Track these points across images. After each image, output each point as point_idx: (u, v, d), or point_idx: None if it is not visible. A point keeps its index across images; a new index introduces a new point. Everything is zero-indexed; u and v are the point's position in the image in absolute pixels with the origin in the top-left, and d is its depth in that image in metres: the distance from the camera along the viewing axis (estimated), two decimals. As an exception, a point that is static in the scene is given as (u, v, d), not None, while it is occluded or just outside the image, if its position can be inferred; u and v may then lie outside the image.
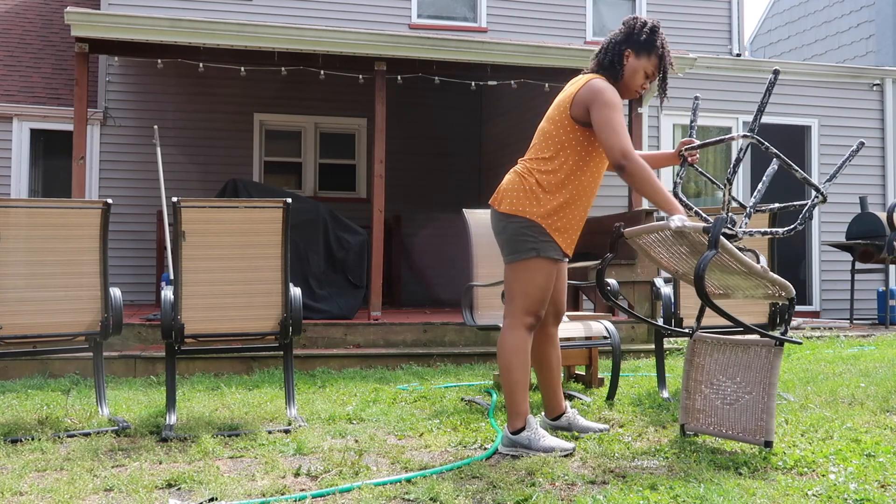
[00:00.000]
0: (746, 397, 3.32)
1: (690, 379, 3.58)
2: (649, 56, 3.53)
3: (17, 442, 3.74)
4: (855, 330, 8.41)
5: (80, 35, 7.24)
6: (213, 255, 4.16)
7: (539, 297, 3.45)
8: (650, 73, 3.55)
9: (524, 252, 3.42)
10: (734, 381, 3.39)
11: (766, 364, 3.30)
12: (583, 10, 11.63)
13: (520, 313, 3.44)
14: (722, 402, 3.42)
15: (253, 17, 10.33)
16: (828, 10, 14.84)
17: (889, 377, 5.00)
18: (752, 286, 3.36)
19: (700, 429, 3.52)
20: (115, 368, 6.07)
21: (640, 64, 3.52)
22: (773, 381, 3.26)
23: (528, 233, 3.42)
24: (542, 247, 3.41)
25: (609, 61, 3.53)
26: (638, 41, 3.53)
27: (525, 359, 3.44)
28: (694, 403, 3.55)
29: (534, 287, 3.43)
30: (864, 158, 10.63)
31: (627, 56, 3.52)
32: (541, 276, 3.44)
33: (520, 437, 3.39)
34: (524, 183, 3.46)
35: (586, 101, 3.40)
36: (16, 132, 10.03)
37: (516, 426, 3.41)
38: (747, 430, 3.29)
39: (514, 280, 3.47)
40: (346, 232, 8.14)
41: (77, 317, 4.26)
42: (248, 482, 3.03)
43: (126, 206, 9.40)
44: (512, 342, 3.44)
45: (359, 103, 9.85)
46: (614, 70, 3.51)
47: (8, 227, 4.10)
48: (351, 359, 6.57)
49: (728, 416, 3.39)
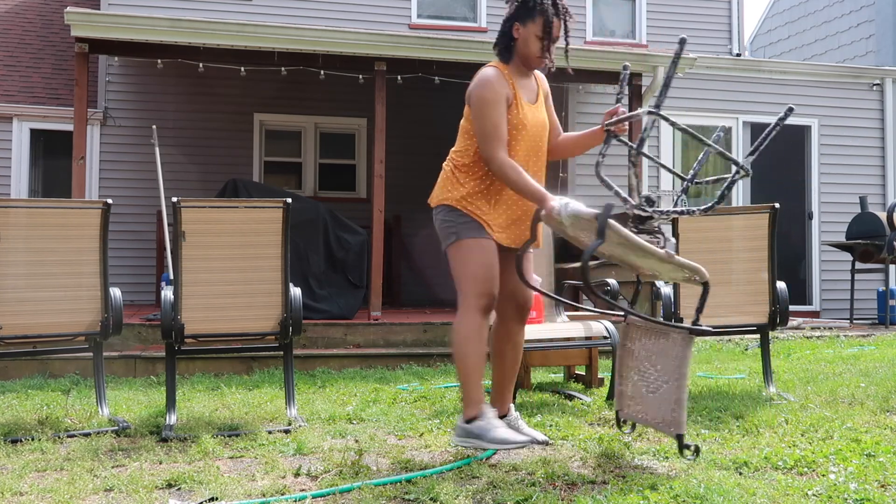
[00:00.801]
0: (665, 386, 3.17)
1: (623, 364, 3.47)
2: (533, 18, 3.44)
3: (17, 442, 3.74)
4: (855, 330, 8.41)
5: (80, 35, 7.25)
6: (213, 255, 4.16)
7: (483, 276, 3.36)
8: (539, 35, 3.44)
9: (448, 237, 3.43)
10: (656, 369, 3.25)
11: (679, 353, 3.14)
12: (583, 10, 11.62)
13: (468, 299, 3.37)
14: (646, 389, 3.29)
15: (253, 17, 10.33)
16: (828, 10, 14.84)
17: (889, 377, 5.00)
18: (671, 269, 3.21)
19: (631, 416, 3.42)
20: (115, 368, 6.07)
21: (528, 31, 3.44)
22: (683, 371, 3.09)
23: (447, 218, 3.43)
24: (461, 229, 3.39)
25: (497, 42, 3.52)
26: (520, 12, 3.47)
27: (479, 345, 3.36)
28: (625, 389, 3.44)
29: (472, 267, 3.37)
30: (864, 158, 10.64)
31: (517, 29, 3.46)
32: (472, 256, 3.37)
33: (472, 427, 3.32)
34: (444, 174, 3.52)
35: (469, 92, 3.44)
36: (16, 132, 10.03)
37: (469, 414, 3.35)
38: (665, 420, 3.15)
39: (454, 269, 3.43)
40: (346, 232, 8.14)
41: (77, 317, 4.26)
42: (248, 482, 3.03)
43: (126, 206, 9.38)
44: (465, 328, 3.36)
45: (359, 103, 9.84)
46: (506, 48, 3.50)
47: (8, 227, 4.10)
48: (351, 359, 6.57)
49: (651, 404, 3.25)
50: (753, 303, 4.77)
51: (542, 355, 5.16)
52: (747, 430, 3.71)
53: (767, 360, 4.83)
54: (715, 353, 7.00)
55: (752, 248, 4.76)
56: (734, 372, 5.75)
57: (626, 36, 11.89)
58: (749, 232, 4.76)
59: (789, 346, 7.11)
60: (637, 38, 11.81)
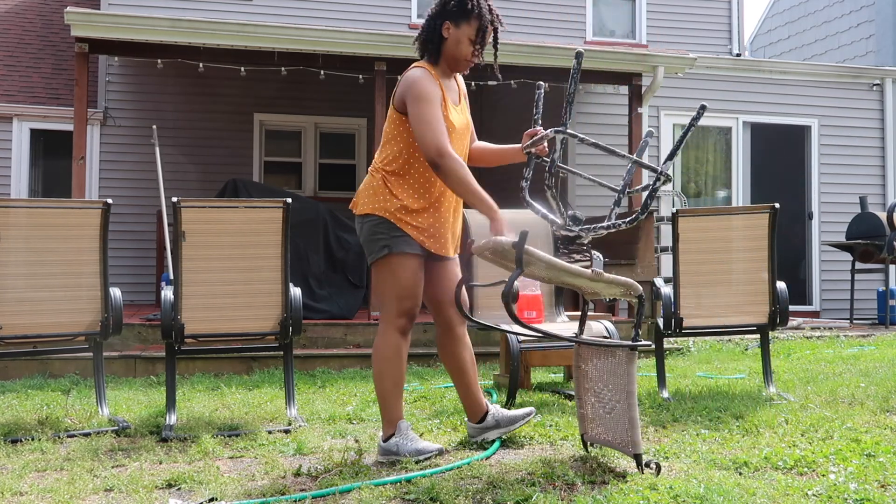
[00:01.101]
0: (618, 406, 3.09)
1: (580, 386, 3.35)
2: (468, 21, 3.35)
3: (17, 442, 3.74)
4: (855, 330, 8.41)
5: (80, 35, 7.24)
6: (213, 255, 4.16)
7: (408, 294, 3.30)
8: (473, 38, 3.37)
9: (378, 251, 3.32)
10: (608, 389, 3.16)
11: (624, 370, 3.06)
12: (583, 10, 11.63)
13: (391, 316, 3.32)
14: (603, 409, 3.19)
15: (253, 17, 10.33)
16: (828, 10, 14.83)
17: (889, 377, 5.00)
18: (604, 287, 3.13)
19: (594, 438, 3.29)
20: (115, 368, 6.07)
21: (461, 33, 3.35)
22: (631, 389, 3.01)
23: (378, 230, 3.31)
24: (394, 242, 3.29)
25: (425, 39, 3.42)
26: (452, 11, 3.36)
27: (397, 365, 3.32)
28: (586, 412, 3.32)
29: (397, 286, 3.30)
30: (864, 158, 10.64)
31: (448, 28, 3.37)
32: (403, 273, 3.30)
33: (389, 444, 3.29)
34: (372, 181, 3.38)
35: (402, 93, 3.33)
36: (16, 132, 10.03)
37: (387, 433, 3.32)
38: (623, 441, 3.06)
39: (379, 282, 3.37)
40: (346, 232, 8.14)
41: (77, 317, 4.26)
42: (248, 482, 3.03)
43: (126, 206, 9.39)
44: (383, 348, 3.32)
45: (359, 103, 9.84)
46: (433, 48, 3.40)
47: (8, 227, 4.10)
48: (351, 359, 6.57)
49: (610, 425, 3.15)
50: (753, 303, 4.77)
51: (542, 355, 5.15)
52: (747, 430, 3.71)
53: (767, 360, 4.83)
54: (715, 353, 7.00)
55: (752, 248, 4.76)
56: (734, 372, 5.75)
57: (626, 36, 11.89)
58: (749, 232, 4.76)
59: (789, 346, 7.11)
60: (637, 38, 11.81)
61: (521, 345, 4.68)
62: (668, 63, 8.62)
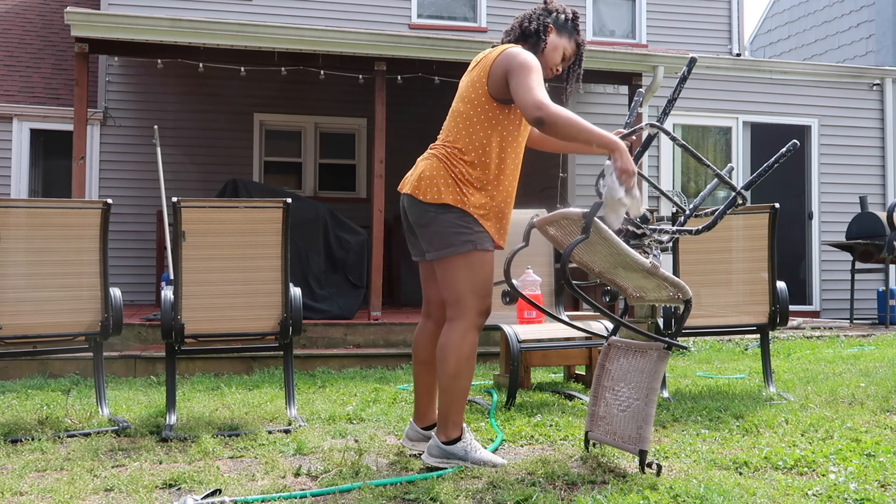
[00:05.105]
0: (636, 403, 3.08)
1: (599, 384, 3.34)
2: (570, 38, 3.40)
3: (17, 442, 3.74)
4: (855, 330, 8.41)
5: (80, 35, 7.25)
6: (213, 255, 4.16)
7: (488, 292, 3.23)
8: (568, 55, 3.40)
9: (462, 245, 3.16)
10: (629, 386, 3.15)
11: (652, 368, 3.05)
12: (583, 10, 11.62)
13: (471, 314, 3.19)
14: (618, 408, 3.18)
15: (253, 17, 10.33)
16: (828, 9, 14.84)
17: (889, 377, 5.00)
18: (655, 287, 3.13)
19: (598, 437, 3.27)
20: (115, 368, 6.08)
21: (560, 42, 3.37)
22: (654, 386, 3.00)
23: (461, 223, 3.16)
24: (479, 238, 3.18)
25: (535, 28, 3.36)
26: (559, 21, 3.39)
27: (473, 365, 3.23)
28: (598, 410, 3.31)
29: (478, 283, 3.19)
30: (864, 158, 10.64)
31: (550, 30, 3.37)
32: (484, 270, 3.21)
33: (455, 448, 3.17)
34: (450, 170, 3.19)
35: (504, 68, 3.15)
36: (16, 132, 10.03)
37: (452, 435, 3.19)
38: (630, 437, 3.05)
39: (456, 278, 3.19)
40: (346, 232, 8.14)
41: (77, 317, 4.26)
42: (248, 482, 3.03)
43: (126, 206, 9.39)
44: (463, 347, 3.17)
45: (359, 103, 9.85)
46: (538, 39, 3.35)
47: (8, 227, 4.10)
48: (351, 359, 6.57)
49: (620, 423, 3.14)
50: (753, 303, 4.77)
51: (542, 355, 5.15)
52: (747, 430, 3.71)
53: (767, 360, 4.84)
54: (715, 353, 7.00)
55: (752, 247, 4.76)
56: (734, 372, 5.76)
57: (626, 36, 11.89)
58: (749, 232, 4.77)
59: (789, 345, 7.12)
60: (637, 38, 11.81)
61: (521, 345, 4.68)
62: (668, 63, 8.63)
